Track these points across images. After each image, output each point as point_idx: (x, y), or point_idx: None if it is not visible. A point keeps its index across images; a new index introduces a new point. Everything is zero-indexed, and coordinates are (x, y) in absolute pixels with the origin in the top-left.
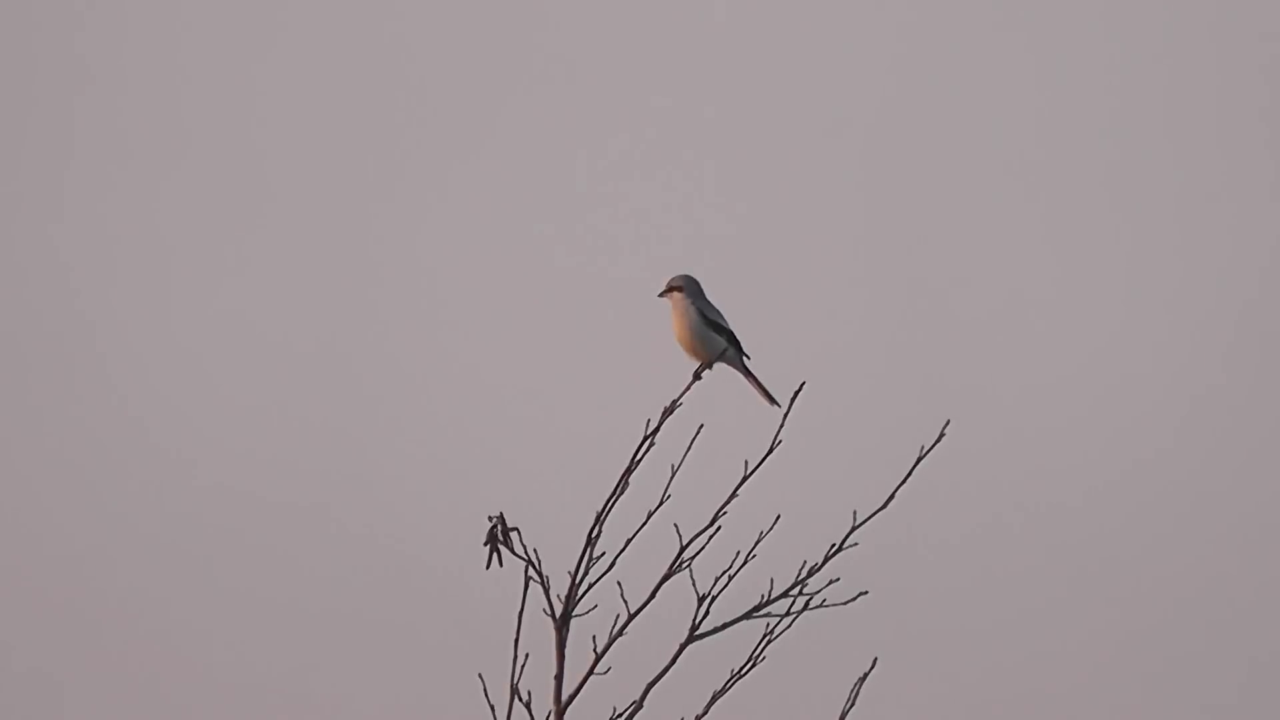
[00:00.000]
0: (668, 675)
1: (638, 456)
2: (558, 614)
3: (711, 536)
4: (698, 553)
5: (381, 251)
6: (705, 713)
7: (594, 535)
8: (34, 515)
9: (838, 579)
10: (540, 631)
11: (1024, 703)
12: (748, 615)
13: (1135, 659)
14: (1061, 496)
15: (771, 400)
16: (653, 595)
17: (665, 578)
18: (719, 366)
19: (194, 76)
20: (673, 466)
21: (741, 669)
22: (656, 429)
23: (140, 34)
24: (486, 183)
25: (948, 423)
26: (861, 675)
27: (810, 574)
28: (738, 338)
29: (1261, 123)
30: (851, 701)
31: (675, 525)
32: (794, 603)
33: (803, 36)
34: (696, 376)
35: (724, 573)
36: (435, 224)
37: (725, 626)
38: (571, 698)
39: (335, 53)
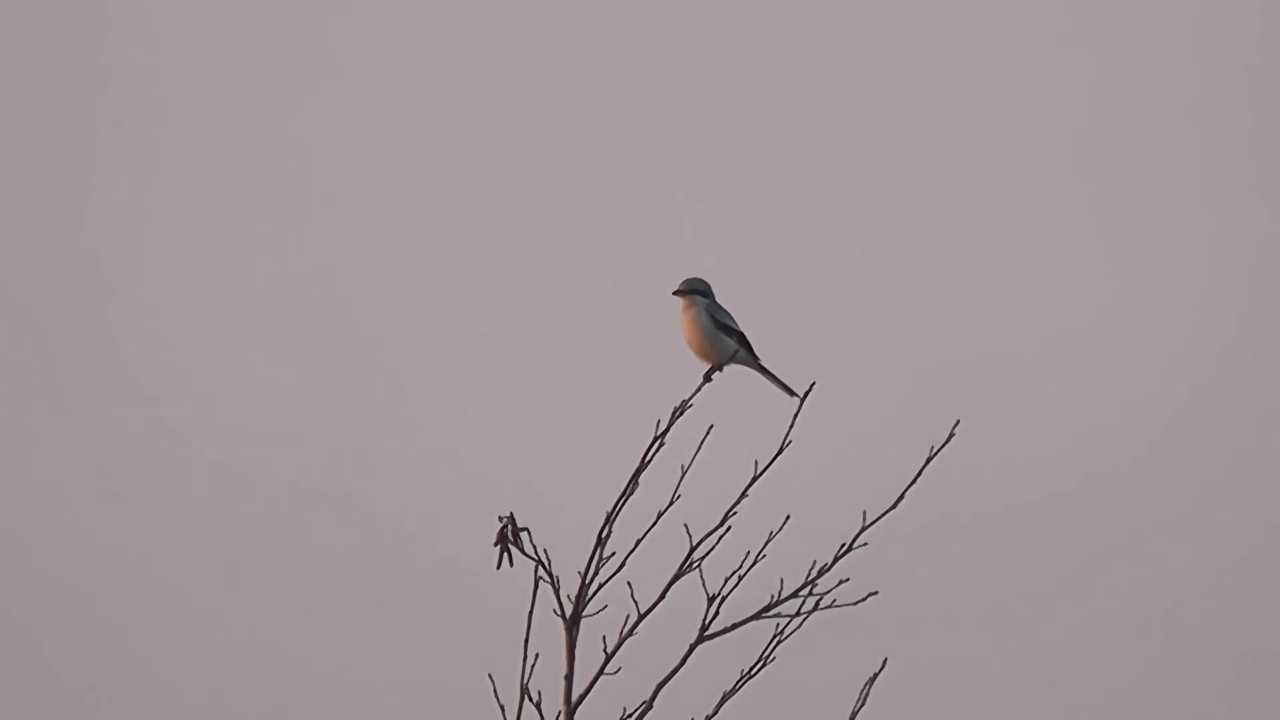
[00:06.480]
0: (678, 675)
1: (648, 457)
2: (568, 614)
3: (721, 537)
4: (708, 553)
5: (402, 252)
6: (715, 713)
7: (604, 535)
8: (55, 505)
9: (848, 579)
10: (550, 632)
11: (1034, 702)
12: (758, 615)
13: (1147, 659)
14: (1073, 496)
15: (790, 392)
16: (663, 595)
17: (675, 578)
18: (733, 366)
19: (220, 64)
20: (683, 467)
21: (751, 669)
22: (667, 429)
23: (167, 29)
24: (504, 188)
25: (957, 423)
26: (871, 675)
27: (820, 574)
28: (748, 340)
29: (1251, 119)
30: (861, 701)
31: (685, 525)
32: (804, 603)
33: (814, 32)
34: (707, 378)
35: (734, 573)
36: (455, 226)
37: (735, 626)
38: (581, 698)
39: (358, 44)
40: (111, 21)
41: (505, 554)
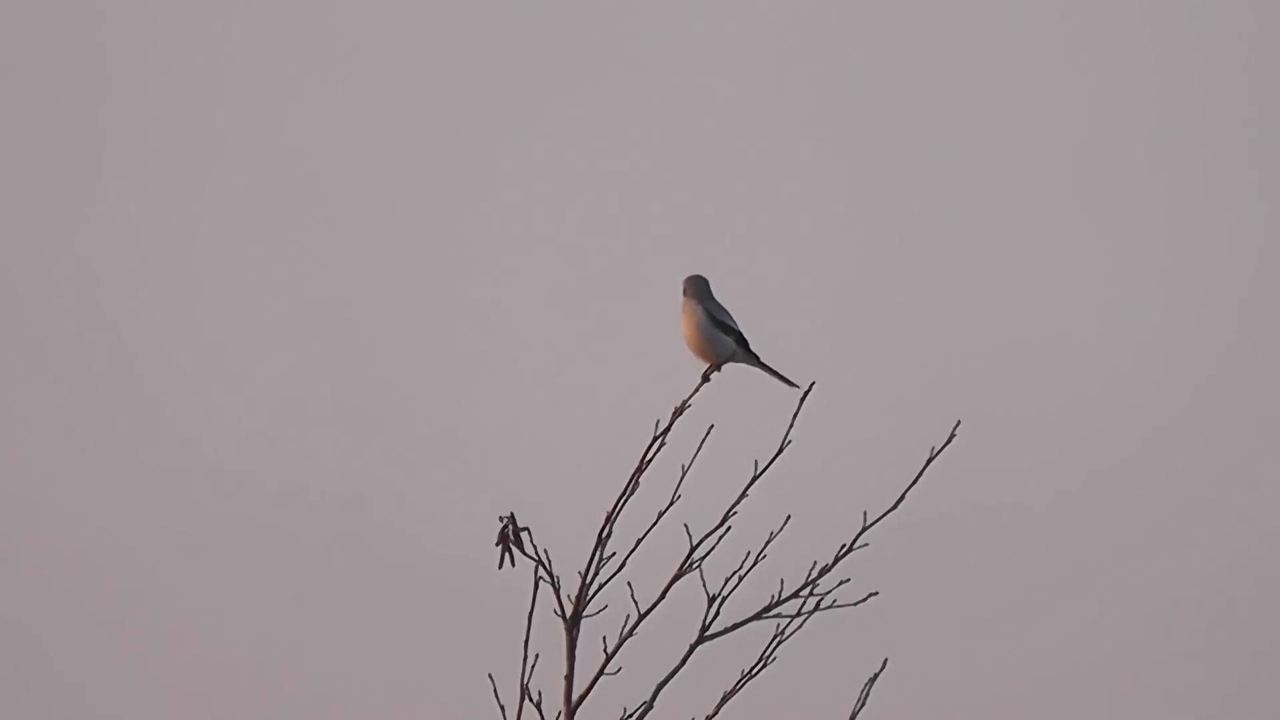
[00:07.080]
0: (678, 676)
1: (648, 457)
2: (568, 614)
3: (722, 537)
4: (708, 553)
5: (402, 252)
6: (715, 713)
7: (604, 535)
8: (57, 506)
9: (848, 579)
10: (550, 632)
11: (1034, 702)
12: (758, 616)
13: (1147, 659)
14: (1075, 496)
15: (791, 383)
16: (663, 595)
17: (675, 578)
18: (732, 365)
19: (221, 66)
20: (683, 467)
21: (752, 669)
22: (667, 429)
23: (169, 31)
24: (504, 189)
25: (958, 423)
26: (872, 676)
27: (821, 574)
28: (746, 338)
29: (1251, 115)
30: (862, 702)
31: (685, 525)
32: (804, 603)
33: (812, 31)
34: (705, 378)
35: (734, 573)
36: (455, 227)
37: (736, 627)
38: (582, 698)
39: (360, 46)
40: (113, 23)
41: (506, 554)
